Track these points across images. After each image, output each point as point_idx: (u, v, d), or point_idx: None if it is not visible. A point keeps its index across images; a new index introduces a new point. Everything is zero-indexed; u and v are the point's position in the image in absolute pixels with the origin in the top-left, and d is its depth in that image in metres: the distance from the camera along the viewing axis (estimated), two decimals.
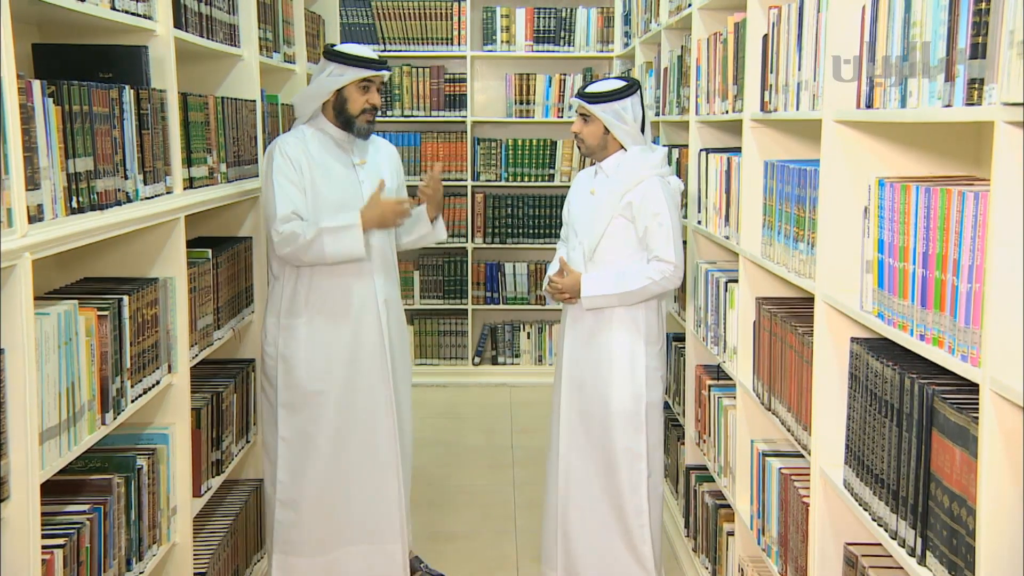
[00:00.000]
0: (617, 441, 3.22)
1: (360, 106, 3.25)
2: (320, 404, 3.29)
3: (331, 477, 3.32)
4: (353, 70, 3.20)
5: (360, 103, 3.24)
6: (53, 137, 1.96)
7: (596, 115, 3.18)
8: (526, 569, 3.83)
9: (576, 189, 3.41)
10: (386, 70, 3.27)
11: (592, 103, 3.18)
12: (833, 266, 2.21)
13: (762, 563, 2.85)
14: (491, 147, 6.44)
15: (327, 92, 3.24)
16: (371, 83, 3.25)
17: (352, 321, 3.29)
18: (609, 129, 3.19)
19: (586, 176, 3.40)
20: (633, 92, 3.18)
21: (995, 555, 1.51)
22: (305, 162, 3.20)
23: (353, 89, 3.23)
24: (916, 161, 2.16)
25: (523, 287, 6.47)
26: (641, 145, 3.22)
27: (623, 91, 3.17)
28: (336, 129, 3.29)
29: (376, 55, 3.27)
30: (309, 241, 3.11)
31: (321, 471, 3.31)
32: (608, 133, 3.21)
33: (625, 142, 3.20)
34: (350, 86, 3.22)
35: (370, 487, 3.36)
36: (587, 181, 3.36)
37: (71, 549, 2.02)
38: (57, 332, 1.95)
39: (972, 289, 1.55)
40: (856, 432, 2.04)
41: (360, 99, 3.24)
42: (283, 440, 3.30)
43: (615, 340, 3.22)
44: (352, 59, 3.21)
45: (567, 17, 6.36)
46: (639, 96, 3.20)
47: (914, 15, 1.74)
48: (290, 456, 3.31)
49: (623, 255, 3.19)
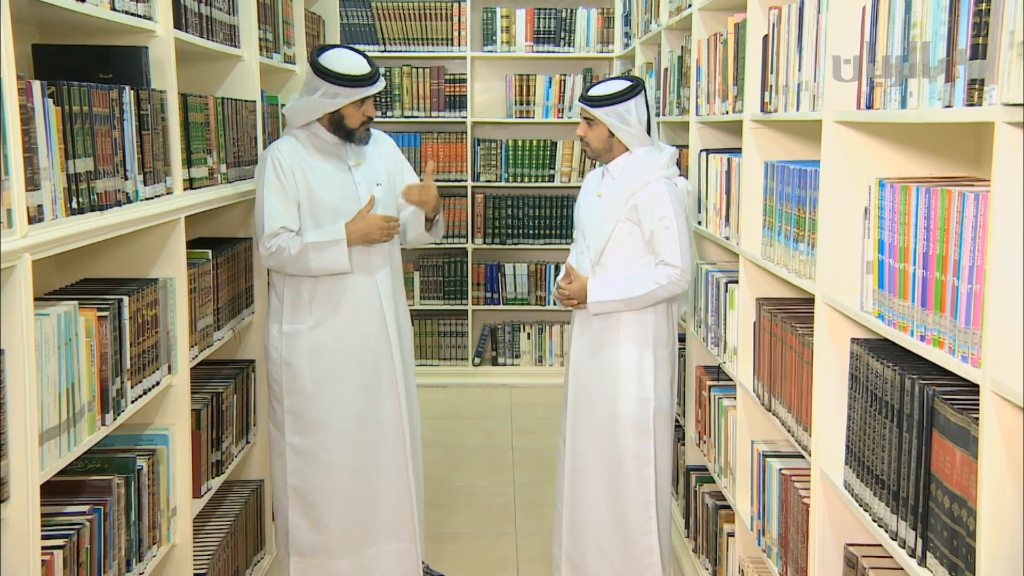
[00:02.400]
0: (625, 448, 3.20)
1: (358, 120, 3.22)
2: (330, 407, 3.28)
3: (342, 480, 3.32)
4: (347, 91, 3.14)
5: (357, 118, 3.21)
6: (53, 138, 1.96)
7: (600, 118, 3.15)
8: (526, 569, 3.82)
9: (585, 191, 3.37)
10: (380, 82, 3.20)
11: (595, 106, 3.14)
12: (833, 267, 2.21)
13: (762, 564, 2.85)
14: (491, 148, 6.44)
15: (321, 112, 3.19)
16: (366, 98, 3.20)
17: (357, 324, 3.28)
18: (613, 132, 3.16)
19: (594, 178, 3.35)
20: (637, 93, 3.14)
21: (995, 556, 1.51)
22: (299, 168, 3.19)
23: (349, 107, 3.18)
24: (916, 162, 2.16)
25: (523, 288, 6.47)
26: (648, 146, 3.18)
27: (626, 93, 3.13)
28: (331, 135, 3.26)
29: (367, 65, 3.19)
30: (295, 256, 3.13)
31: (332, 474, 3.31)
32: (613, 136, 3.18)
33: (630, 144, 3.17)
34: (346, 106, 3.18)
35: (382, 488, 3.36)
36: (595, 183, 3.32)
37: (71, 550, 2.02)
38: (57, 333, 1.95)
39: (972, 290, 1.55)
40: (856, 433, 2.04)
41: (357, 114, 3.21)
42: (291, 446, 3.30)
43: (622, 346, 3.19)
44: (346, 80, 3.13)
45: (567, 18, 6.36)
46: (643, 96, 3.16)
47: (914, 16, 1.74)
48: (300, 461, 3.30)
49: (630, 259, 3.15)
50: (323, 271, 3.18)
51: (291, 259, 3.13)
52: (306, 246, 3.12)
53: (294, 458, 3.31)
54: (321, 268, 3.17)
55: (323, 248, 3.14)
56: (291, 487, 3.32)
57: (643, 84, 3.20)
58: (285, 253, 3.13)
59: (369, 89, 3.17)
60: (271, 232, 3.13)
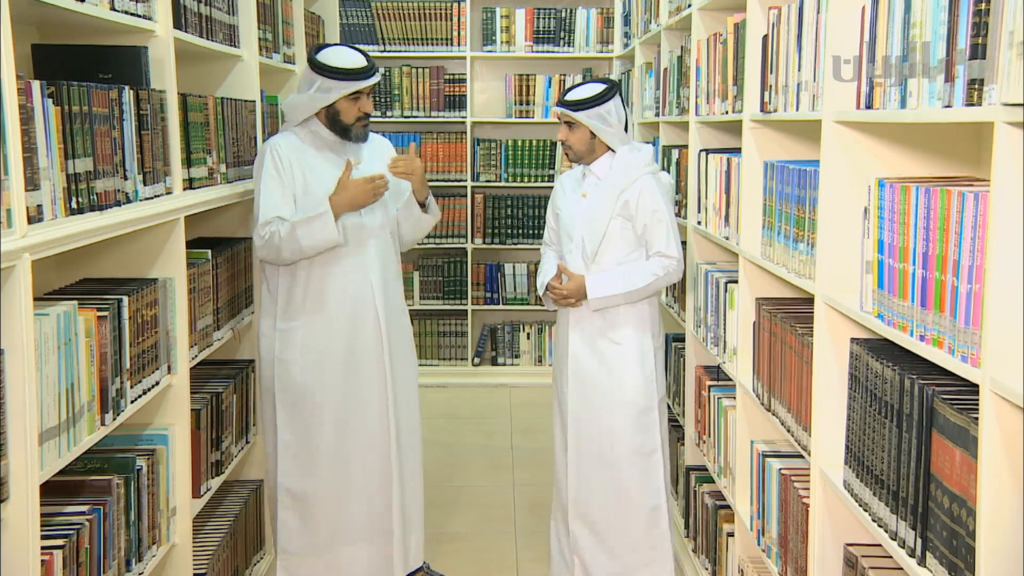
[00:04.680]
0: (629, 438, 3.24)
1: (353, 116, 3.23)
2: (319, 405, 3.28)
3: (332, 478, 3.32)
4: (340, 84, 3.15)
5: (353, 113, 3.22)
6: (53, 138, 1.96)
7: (582, 121, 3.19)
8: (526, 569, 3.82)
9: (562, 192, 3.39)
10: (374, 76, 3.21)
11: (576, 110, 3.19)
12: (833, 267, 2.21)
13: (762, 564, 2.85)
14: (491, 148, 6.44)
15: (316, 107, 3.21)
16: (361, 93, 3.21)
17: (349, 322, 3.28)
18: (596, 133, 3.20)
19: (572, 180, 3.38)
20: (614, 94, 3.20)
21: (995, 556, 1.51)
22: (297, 163, 3.19)
23: (344, 102, 3.19)
24: (916, 161, 2.16)
25: (523, 288, 6.47)
26: (627, 145, 3.24)
27: (604, 95, 3.18)
28: (329, 132, 3.28)
29: (363, 60, 3.21)
30: (284, 238, 3.11)
31: (322, 472, 3.31)
32: (595, 137, 3.22)
33: (613, 144, 3.22)
34: (341, 100, 3.19)
35: (369, 487, 3.35)
36: (575, 184, 3.35)
37: (71, 550, 2.02)
38: (57, 333, 1.95)
39: (972, 290, 1.55)
40: (856, 433, 2.04)
41: (352, 109, 3.21)
42: (283, 443, 3.30)
43: (626, 336, 3.25)
44: (338, 73, 3.15)
45: (567, 18, 6.36)
46: (620, 97, 3.23)
47: (914, 15, 1.74)
48: (291, 459, 3.31)
49: (622, 254, 3.22)
50: (316, 247, 3.14)
51: (283, 242, 3.11)
52: (293, 225, 3.11)
53: (286, 456, 3.30)
54: (313, 245, 3.13)
55: (310, 223, 3.11)
56: (280, 484, 3.32)
57: (619, 85, 3.28)
58: (276, 238, 3.11)
59: (362, 83, 3.17)
60: (265, 220, 3.12)
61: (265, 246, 3.15)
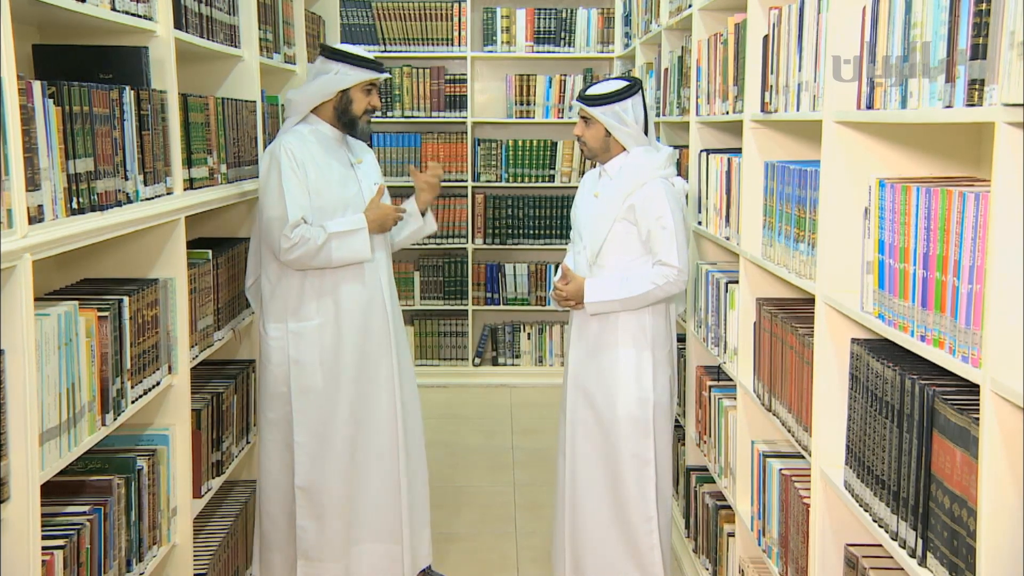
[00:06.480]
0: (624, 447, 3.20)
1: (364, 107, 3.28)
2: (335, 404, 3.27)
3: (347, 478, 3.32)
4: (359, 71, 3.23)
5: (364, 104, 3.28)
6: (53, 138, 1.96)
7: (597, 118, 3.15)
8: (526, 569, 3.83)
9: (582, 191, 3.38)
10: (386, 72, 3.32)
11: (592, 106, 3.15)
12: (833, 267, 2.21)
13: (762, 564, 2.85)
14: (491, 148, 6.44)
15: (332, 92, 3.24)
16: (374, 86, 3.29)
17: (362, 321, 3.29)
18: (610, 131, 3.17)
19: (591, 178, 3.36)
20: (634, 93, 3.14)
21: (996, 556, 1.51)
22: (310, 162, 3.20)
23: (358, 91, 3.26)
24: (916, 162, 2.16)
25: (523, 288, 6.47)
26: (645, 146, 3.19)
27: (623, 92, 3.13)
28: (333, 129, 3.29)
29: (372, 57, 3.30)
30: (319, 247, 3.13)
31: (338, 470, 3.30)
32: (610, 136, 3.18)
33: (627, 144, 3.17)
34: (355, 88, 3.25)
35: (379, 485, 3.35)
36: (592, 183, 3.32)
37: (71, 550, 2.02)
38: (57, 333, 1.95)
39: (972, 290, 1.55)
40: (857, 433, 2.04)
41: (364, 100, 3.28)
42: (299, 444, 3.27)
43: (621, 347, 3.19)
44: (358, 60, 3.23)
45: (567, 18, 6.36)
46: (640, 96, 3.17)
47: (914, 16, 1.74)
48: (308, 462, 3.27)
49: (627, 258, 3.16)
50: (345, 261, 3.20)
51: (315, 249, 3.13)
52: (329, 236, 3.14)
53: (303, 458, 3.27)
54: (342, 258, 3.19)
55: (345, 237, 3.17)
56: (298, 488, 3.29)
57: (641, 84, 3.20)
58: (311, 244, 3.12)
59: (379, 73, 3.27)
60: (294, 221, 3.11)
61: (294, 248, 3.12)
